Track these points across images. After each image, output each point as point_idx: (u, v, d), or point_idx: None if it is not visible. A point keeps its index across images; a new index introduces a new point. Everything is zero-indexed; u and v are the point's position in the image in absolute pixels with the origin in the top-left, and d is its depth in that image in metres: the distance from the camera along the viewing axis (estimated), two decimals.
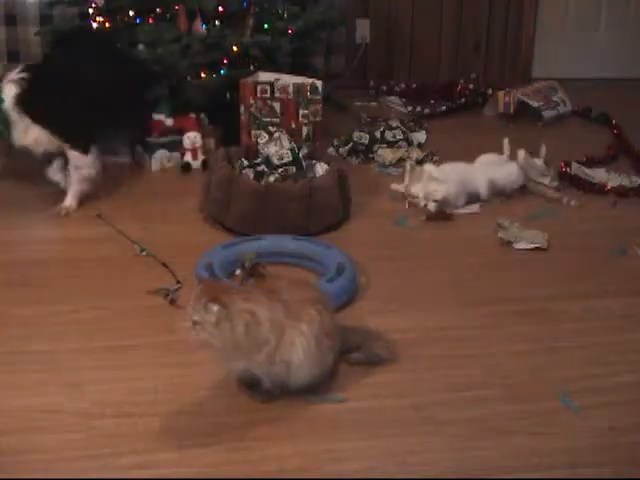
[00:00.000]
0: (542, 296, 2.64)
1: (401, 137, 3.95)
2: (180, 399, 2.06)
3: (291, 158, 3.19)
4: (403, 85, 5.07)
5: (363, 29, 5.15)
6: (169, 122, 3.71)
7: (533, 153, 3.80)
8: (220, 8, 3.81)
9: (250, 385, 2.06)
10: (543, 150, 3.79)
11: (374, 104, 4.84)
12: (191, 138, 3.67)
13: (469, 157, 3.54)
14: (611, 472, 1.85)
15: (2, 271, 2.74)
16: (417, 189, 3.30)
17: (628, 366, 2.26)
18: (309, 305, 2.02)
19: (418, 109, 4.68)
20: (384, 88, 5.05)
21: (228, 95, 3.82)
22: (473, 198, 3.36)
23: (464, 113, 4.73)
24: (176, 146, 3.71)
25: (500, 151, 3.60)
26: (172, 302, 2.50)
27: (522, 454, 1.90)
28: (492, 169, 3.46)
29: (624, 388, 2.16)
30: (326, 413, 2.03)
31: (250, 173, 3.14)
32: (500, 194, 3.44)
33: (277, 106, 3.62)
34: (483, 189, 3.39)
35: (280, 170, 3.14)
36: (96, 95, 3.21)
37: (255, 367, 2.01)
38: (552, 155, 3.77)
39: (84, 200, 3.24)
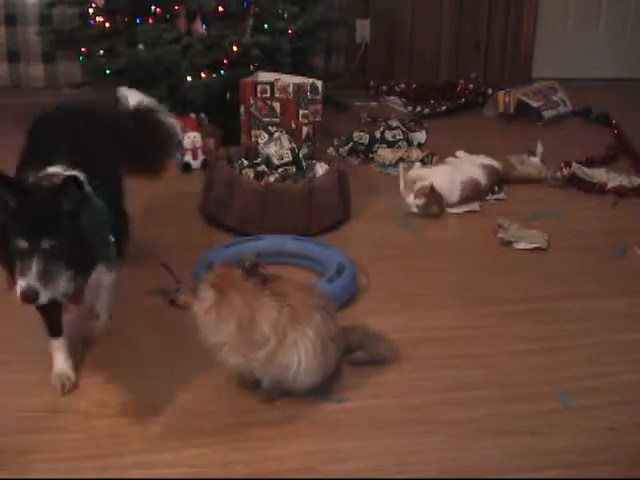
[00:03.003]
0: (542, 296, 2.64)
1: (401, 137, 3.95)
2: (180, 399, 2.06)
3: (291, 158, 3.19)
4: (403, 85, 5.07)
5: (363, 29, 5.15)
6: None
7: (530, 152, 3.83)
8: (220, 8, 3.82)
9: (250, 385, 2.07)
10: (539, 148, 3.80)
11: (374, 104, 4.84)
12: (191, 138, 3.67)
13: None
14: (611, 472, 1.85)
15: (2, 271, 2.73)
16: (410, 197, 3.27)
17: (628, 366, 2.26)
18: (315, 311, 2.03)
19: (418, 109, 4.68)
20: (384, 88, 5.05)
21: (228, 95, 3.82)
22: (468, 190, 3.35)
23: (464, 113, 4.73)
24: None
25: (498, 151, 3.62)
26: (172, 302, 2.50)
27: (522, 454, 1.90)
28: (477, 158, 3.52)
29: (624, 388, 2.16)
30: (326, 413, 2.03)
31: (250, 173, 3.14)
32: (497, 181, 3.48)
33: (277, 106, 3.62)
34: (480, 175, 3.39)
35: (280, 170, 3.14)
36: None
37: (254, 366, 2.01)
38: (552, 155, 3.78)
39: None
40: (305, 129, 3.65)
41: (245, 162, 3.23)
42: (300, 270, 2.72)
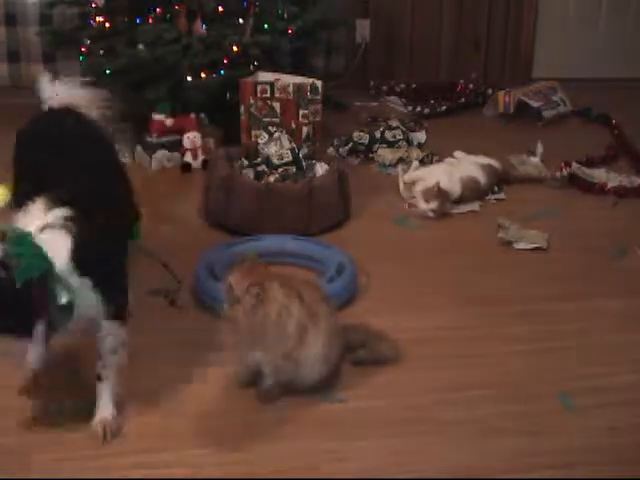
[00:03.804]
0: (542, 296, 2.64)
1: (401, 137, 3.95)
2: (180, 399, 2.06)
3: (291, 158, 3.19)
4: (403, 85, 5.07)
5: (363, 29, 5.15)
6: (169, 122, 3.71)
7: (530, 152, 3.83)
8: (220, 8, 3.82)
9: (250, 384, 2.07)
10: (539, 148, 3.80)
11: (374, 104, 4.84)
12: (191, 138, 3.67)
13: None
14: (610, 472, 1.85)
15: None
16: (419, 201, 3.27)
17: (628, 366, 2.27)
18: (323, 304, 2.06)
19: (418, 109, 4.68)
20: (384, 88, 5.05)
21: (228, 95, 3.82)
22: (468, 188, 3.35)
23: (464, 113, 4.73)
24: (176, 146, 3.71)
25: (498, 151, 3.62)
26: (172, 302, 2.51)
27: (521, 454, 1.90)
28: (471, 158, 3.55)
29: (624, 388, 2.16)
30: (326, 413, 2.03)
31: (250, 173, 3.15)
32: (497, 181, 3.49)
33: (277, 106, 3.62)
34: (480, 175, 3.40)
35: (280, 170, 3.14)
36: None
37: (267, 361, 2.02)
38: (552, 155, 3.78)
39: None
40: (305, 129, 3.65)
41: (245, 162, 3.23)
42: (300, 270, 2.72)
